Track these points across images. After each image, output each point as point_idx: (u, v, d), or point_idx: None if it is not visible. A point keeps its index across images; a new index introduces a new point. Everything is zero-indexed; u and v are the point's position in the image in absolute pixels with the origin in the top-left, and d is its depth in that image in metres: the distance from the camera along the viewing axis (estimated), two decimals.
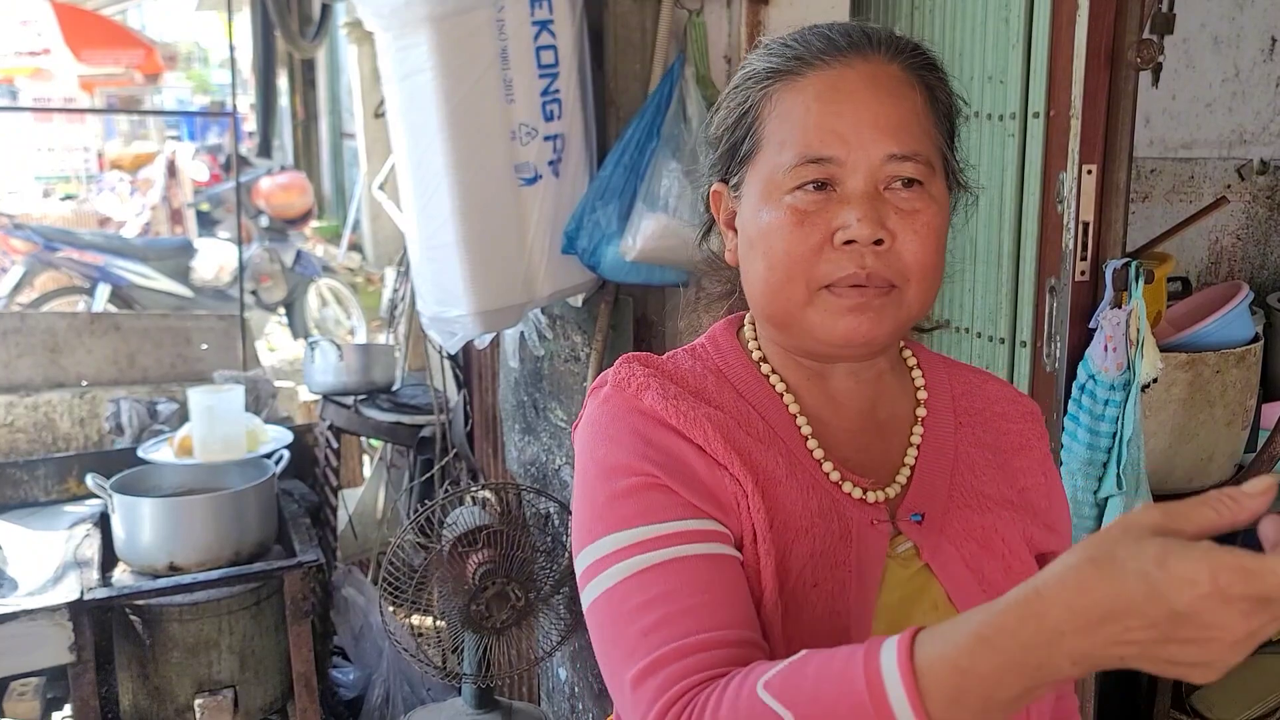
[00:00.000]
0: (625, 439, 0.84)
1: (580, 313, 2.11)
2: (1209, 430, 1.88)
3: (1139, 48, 1.53)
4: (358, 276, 7.61)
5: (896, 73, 0.86)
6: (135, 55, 11.22)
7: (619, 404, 0.87)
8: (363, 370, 2.92)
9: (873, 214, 0.82)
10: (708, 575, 0.78)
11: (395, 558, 2.10)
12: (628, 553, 0.79)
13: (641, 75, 1.89)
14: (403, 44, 1.74)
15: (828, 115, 0.84)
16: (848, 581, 0.83)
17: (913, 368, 0.99)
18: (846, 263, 0.83)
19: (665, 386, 0.87)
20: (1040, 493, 0.97)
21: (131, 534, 2.33)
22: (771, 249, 0.85)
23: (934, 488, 0.91)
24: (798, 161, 0.83)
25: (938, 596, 0.86)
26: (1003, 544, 0.90)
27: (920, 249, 0.84)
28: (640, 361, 0.91)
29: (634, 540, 0.80)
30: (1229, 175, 2.63)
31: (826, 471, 0.88)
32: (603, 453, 0.85)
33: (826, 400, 0.92)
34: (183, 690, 2.34)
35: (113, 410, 2.98)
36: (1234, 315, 1.90)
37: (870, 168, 0.83)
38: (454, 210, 1.79)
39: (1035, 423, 1.01)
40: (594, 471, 0.85)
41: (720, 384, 0.91)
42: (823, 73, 0.85)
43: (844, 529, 0.85)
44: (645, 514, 0.80)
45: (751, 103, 0.88)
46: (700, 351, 0.95)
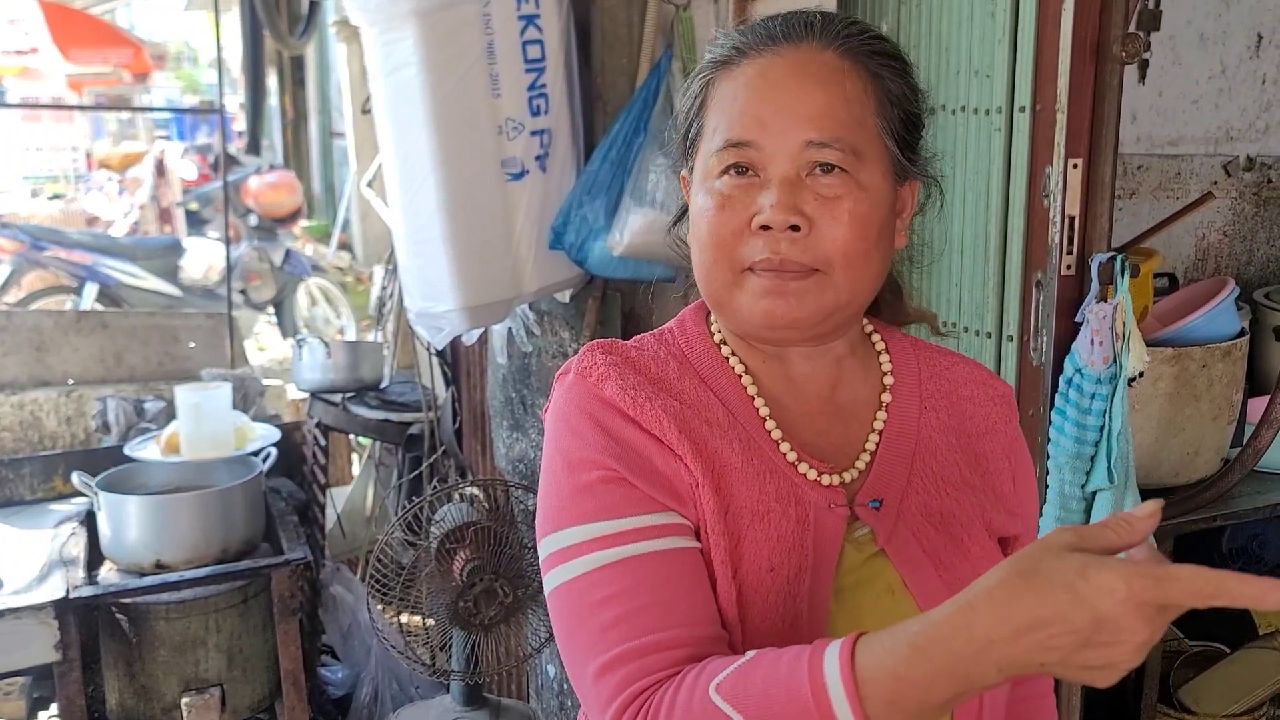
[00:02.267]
0: (587, 431, 0.86)
1: (568, 308, 2.11)
2: (1195, 424, 1.88)
3: (1124, 42, 1.54)
4: (347, 275, 7.58)
5: (830, 59, 0.86)
6: (123, 54, 11.17)
7: (581, 392, 0.89)
8: (351, 368, 2.91)
9: (787, 200, 0.84)
10: (665, 571, 0.81)
11: (382, 555, 2.10)
12: (589, 547, 0.82)
13: (629, 70, 1.89)
14: (388, 38, 1.74)
15: (753, 102, 0.86)
16: (804, 565, 0.84)
17: (880, 351, 0.99)
18: (762, 247, 0.85)
19: (624, 376, 0.88)
20: (1005, 477, 0.98)
21: (117, 532, 2.32)
22: (700, 232, 0.88)
23: (893, 472, 0.91)
24: (721, 146, 0.86)
25: (893, 582, 0.87)
26: (961, 529, 0.91)
27: (842, 235, 0.85)
28: (603, 349, 0.92)
29: (595, 535, 0.82)
30: (1215, 172, 2.64)
31: (784, 453, 0.89)
32: (567, 443, 0.87)
33: (786, 383, 0.93)
34: (169, 689, 2.33)
35: (99, 408, 2.96)
36: (1220, 310, 1.91)
37: (789, 153, 0.84)
38: (440, 205, 1.79)
39: (1004, 405, 1.01)
40: (559, 462, 0.87)
41: (683, 369, 0.92)
42: (756, 61, 0.87)
43: (801, 513, 0.86)
44: (606, 509, 0.83)
45: (699, 91, 0.91)
46: (667, 336, 0.97)
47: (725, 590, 0.82)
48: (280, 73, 9.96)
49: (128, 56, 11.25)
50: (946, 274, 1.84)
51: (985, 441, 0.97)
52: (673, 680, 0.74)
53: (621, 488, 0.83)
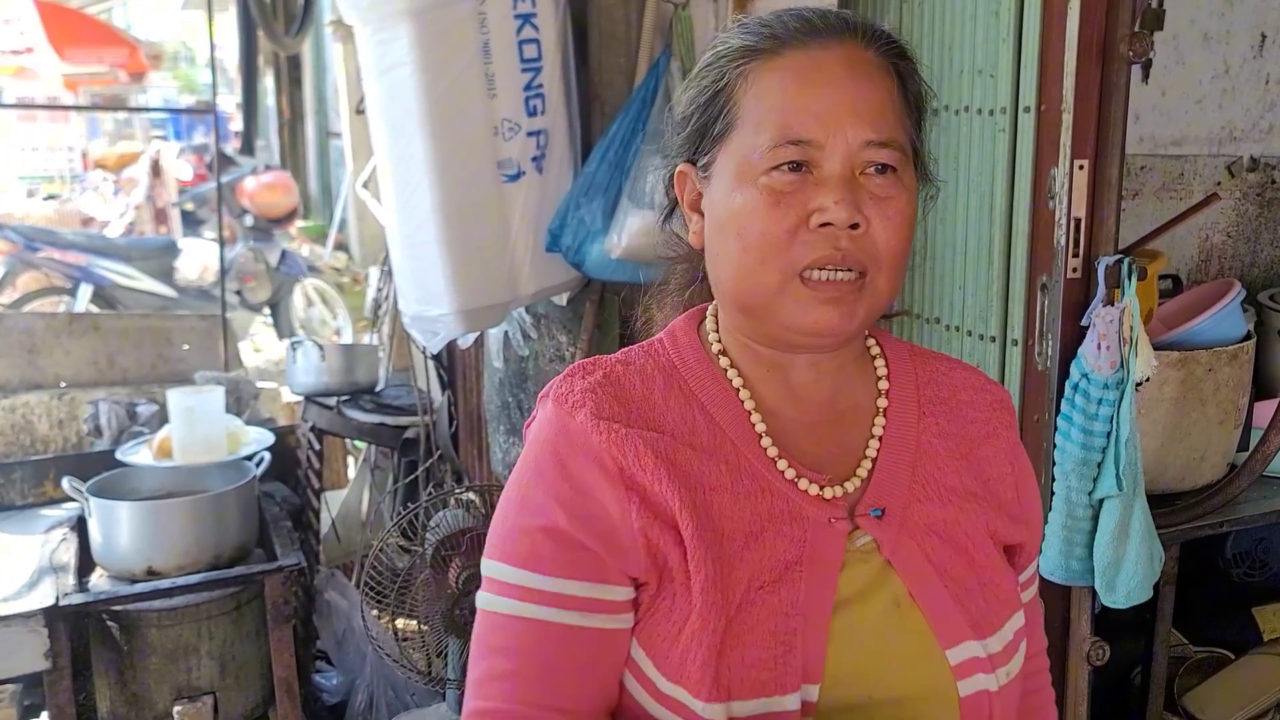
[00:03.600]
0: (548, 472, 0.85)
1: (565, 312, 2.08)
2: (1201, 429, 1.86)
3: (1131, 41, 1.51)
4: (344, 276, 7.55)
5: (872, 58, 0.85)
6: (119, 54, 11.12)
7: (554, 423, 0.86)
8: (345, 371, 2.88)
9: (850, 198, 0.82)
10: (571, 648, 0.82)
11: (378, 561, 2.07)
12: (514, 591, 0.83)
13: (626, 69, 1.86)
14: (382, 38, 1.71)
15: (806, 96, 0.82)
16: (799, 582, 0.82)
17: (876, 356, 0.97)
18: (822, 245, 0.82)
19: (600, 404, 0.85)
20: (1006, 483, 0.95)
21: (108, 538, 2.29)
22: (746, 230, 0.83)
23: (895, 480, 0.90)
24: (776, 143, 0.82)
25: (899, 592, 0.85)
26: (965, 537, 0.89)
27: (892, 236, 0.84)
28: (584, 371, 0.89)
29: (522, 583, 0.83)
30: (1219, 172, 2.61)
31: (781, 470, 0.86)
32: (527, 478, 0.86)
33: (786, 393, 0.90)
34: (161, 697, 2.30)
35: (91, 412, 2.93)
36: (1226, 313, 1.88)
37: (848, 152, 0.82)
38: (435, 207, 1.76)
39: (1003, 411, 0.99)
40: (515, 494, 0.87)
41: (669, 385, 0.89)
42: (801, 53, 0.84)
43: (798, 530, 0.84)
44: (540, 561, 0.82)
45: (726, 81, 0.86)
46: (656, 348, 0.93)
47: (704, 619, 0.80)
48: (277, 73, 9.94)
49: (123, 56, 11.20)
50: (950, 277, 1.81)
51: (985, 447, 0.95)
52: None
53: (561, 545, 0.82)
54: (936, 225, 1.81)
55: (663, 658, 0.81)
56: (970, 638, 0.85)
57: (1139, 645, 1.92)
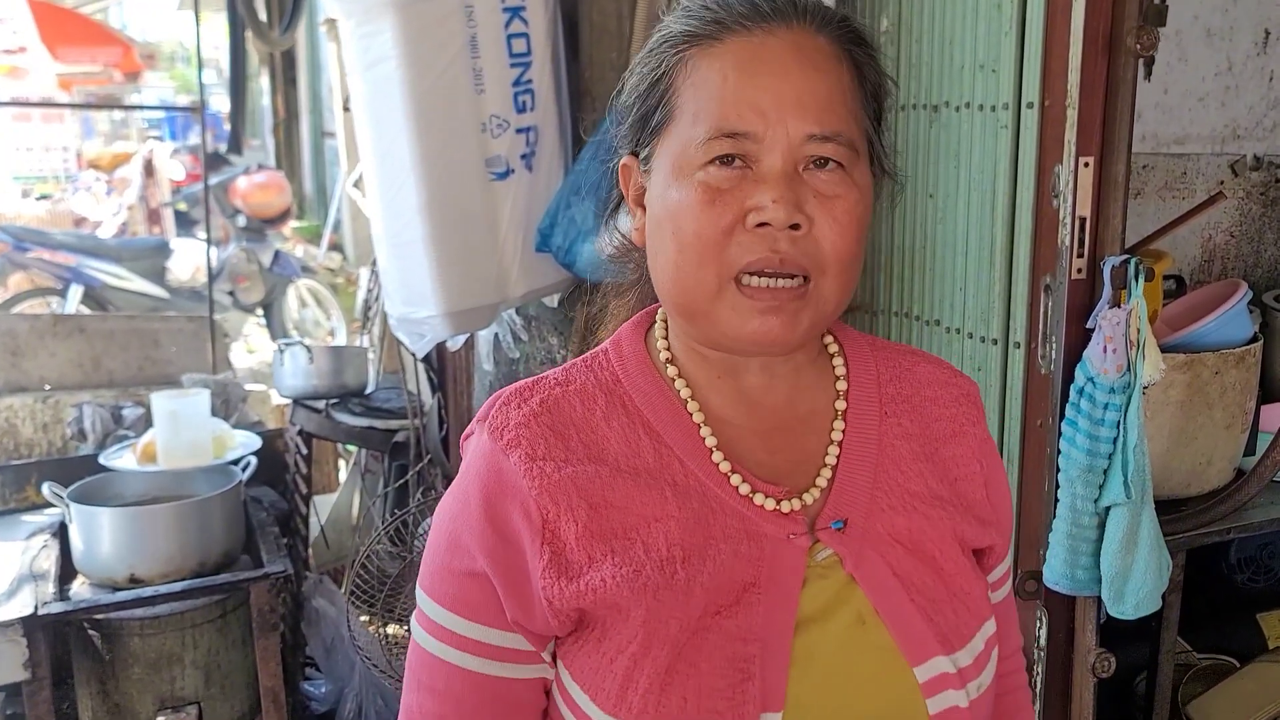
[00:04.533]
0: (474, 514, 0.82)
1: (556, 314, 2.03)
2: (1208, 433, 1.81)
3: (1138, 34, 1.47)
4: (338, 277, 7.49)
5: (823, 45, 0.79)
6: (112, 53, 11.08)
7: (486, 459, 0.83)
8: (334, 373, 2.83)
9: (789, 196, 0.76)
10: (493, 696, 0.82)
11: (365, 567, 2.02)
12: (439, 632, 0.83)
13: (618, 65, 1.82)
14: (366, 31, 1.66)
15: (746, 87, 0.77)
16: (756, 604, 0.78)
17: (834, 355, 0.91)
18: (759, 246, 0.76)
19: (535, 443, 0.81)
20: (975, 483, 0.90)
21: (90, 545, 2.24)
22: (681, 229, 0.78)
23: (856, 489, 0.85)
24: (711, 135, 0.77)
25: (863, 609, 0.81)
26: (932, 546, 0.85)
27: (839, 237, 0.78)
28: (521, 398, 0.85)
29: (447, 625, 0.82)
30: (1222, 171, 2.57)
31: (735, 485, 0.81)
32: (454, 512, 0.84)
33: (738, 400, 0.85)
34: (144, 707, 2.26)
35: (75, 415, 2.88)
36: (1233, 314, 1.84)
37: (789, 146, 0.77)
38: (421, 206, 1.71)
39: (969, 405, 0.93)
40: (446, 530, 0.84)
41: (611, 403, 0.84)
42: (743, 39, 0.78)
43: (754, 549, 0.80)
44: (463, 605, 0.82)
45: (665, 68, 0.81)
46: (600, 360, 0.88)
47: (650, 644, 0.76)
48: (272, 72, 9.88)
49: (117, 56, 11.16)
50: (950, 278, 1.77)
51: (952, 446, 0.90)
52: None
53: (483, 591, 0.81)
54: (936, 225, 1.76)
55: (597, 689, 0.77)
56: (939, 653, 0.81)
57: (1143, 653, 1.88)
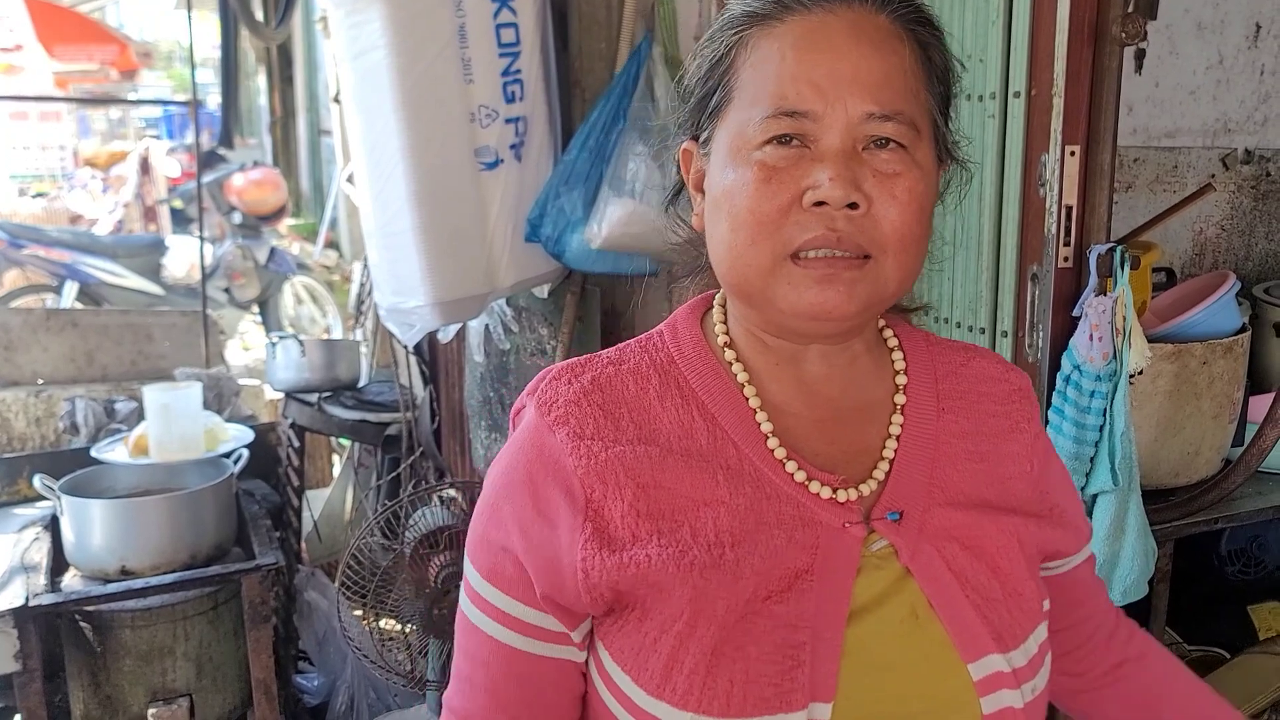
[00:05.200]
0: (517, 490, 0.82)
1: (546, 304, 2.04)
2: (1196, 423, 1.82)
3: (1124, 22, 1.47)
4: (334, 274, 7.49)
5: (884, 24, 0.78)
6: (108, 51, 11.06)
7: (534, 436, 0.83)
8: (326, 367, 2.83)
9: (847, 174, 0.75)
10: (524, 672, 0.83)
11: (355, 560, 2.02)
12: (480, 602, 0.84)
13: (607, 55, 1.82)
14: (355, 20, 1.66)
15: (805, 65, 0.76)
16: (808, 592, 0.77)
17: (894, 348, 0.90)
18: (815, 224, 0.75)
19: (584, 419, 0.81)
20: (1028, 480, 0.89)
21: (81, 537, 2.24)
22: (736, 209, 0.77)
23: (913, 482, 0.83)
24: (769, 114, 0.76)
25: (917, 602, 0.79)
26: (988, 543, 0.83)
27: (899, 216, 0.76)
28: (572, 374, 0.84)
29: (486, 596, 0.83)
30: (1213, 165, 2.58)
31: (791, 472, 0.80)
32: (499, 486, 0.84)
33: (796, 388, 0.84)
34: (136, 699, 2.25)
35: (68, 409, 2.88)
36: (1221, 305, 1.84)
37: (848, 124, 0.75)
38: (410, 196, 1.71)
39: (1022, 401, 0.92)
40: (490, 502, 0.85)
41: (665, 384, 0.83)
42: (803, 18, 0.77)
43: (809, 536, 0.78)
44: (497, 576, 0.83)
45: (726, 50, 0.80)
46: (655, 342, 0.87)
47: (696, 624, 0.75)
48: (269, 70, 9.88)
49: (113, 54, 11.14)
50: (937, 267, 1.77)
51: (1007, 443, 0.89)
52: None
53: (515, 567, 0.82)
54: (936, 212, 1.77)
55: (640, 669, 0.76)
56: (994, 650, 0.80)
57: None
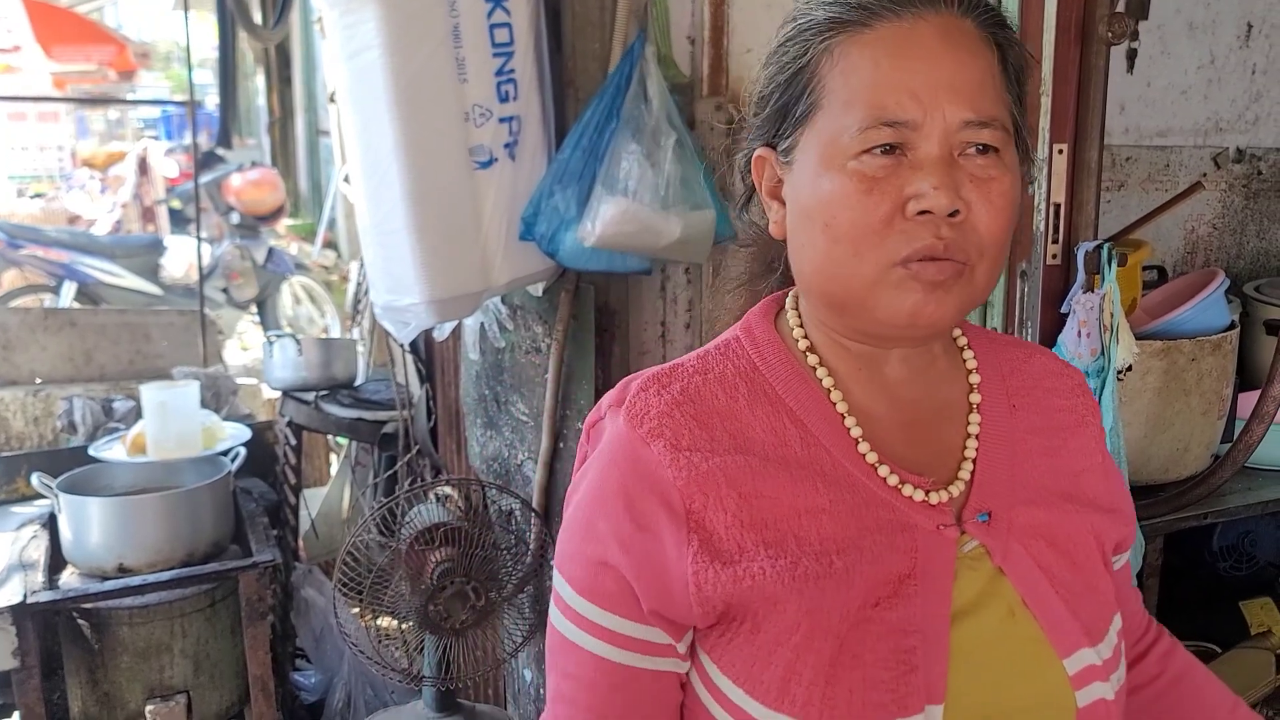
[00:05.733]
0: (612, 505, 0.80)
1: (541, 302, 2.05)
2: (1185, 419, 1.83)
3: (1110, 22, 1.48)
4: (333, 274, 7.49)
5: (971, 28, 0.77)
6: (106, 52, 11.06)
7: (626, 449, 0.81)
8: (323, 365, 2.84)
9: (950, 182, 0.74)
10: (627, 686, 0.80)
11: (352, 556, 2.03)
12: (575, 616, 0.82)
13: (601, 55, 1.83)
14: (349, 20, 1.67)
15: (901, 73, 0.75)
16: (914, 596, 0.78)
17: (963, 347, 0.91)
18: (922, 233, 0.75)
19: (679, 433, 0.79)
20: (1097, 474, 0.91)
21: (79, 535, 2.25)
22: (835, 220, 0.76)
23: (997, 482, 0.84)
24: (867, 124, 0.75)
25: (1012, 601, 0.80)
26: (1068, 540, 0.85)
27: (994, 221, 0.77)
28: (660, 384, 0.82)
29: (582, 611, 0.81)
30: (1205, 164, 2.59)
31: (884, 477, 0.81)
32: (592, 499, 0.82)
33: (879, 391, 0.84)
34: (133, 696, 2.26)
35: (65, 408, 2.89)
36: (1209, 302, 1.86)
37: (946, 132, 0.75)
38: (405, 194, 1.72)
39: (1085, 395, 0.94)
40: (582, 516, 0.83)
41: (754, 392, 0.83)
42: (893, 25, 0.76)
43: (907, 540, 0.79)
44: (597, 593, 0.81)
45: (809, 56, 0.79)
46: (735, 348, 0.86)
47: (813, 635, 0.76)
48: (267, 71, 9.88)
49: (111, 54, 11.14)
50: None
51: (1075, 438, 0.90)
52: None
53: (617, 583, 0.79)
54: None
55: (755, 682, 0.76)
56: (1085, 645, 0.81)
57: None
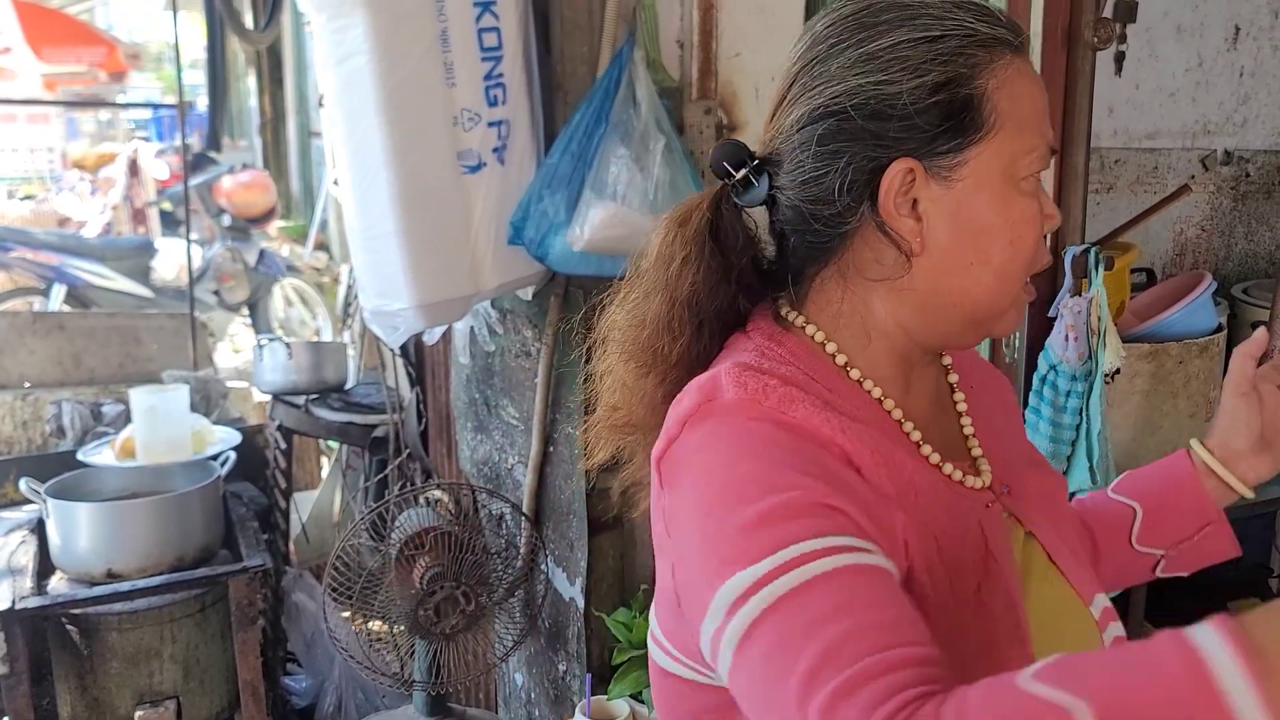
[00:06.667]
0: (780, 454, 0.72)
1: (530, 306, 2.05)
2: (1173, 421, 1.84)
3: (1096, 27, 1.49)
4: (324, 276, 7.47)
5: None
6: (97, 53, 11.01)
7: (760, 423, 0.75)
8: (313, 369, 2.83)
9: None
10: (889, 587, 0.67)
11: (342, 561, 2.03)
12: (791, 566, 0.66)
13: (589, 59, 1.83)
14: (338, 25, 1.67)
15: (1040, 100, 0.83)
16: (999, 572, 0.81)
17: None
18: (1046, 252, 0.86)
19: (809, 401, 0.77)
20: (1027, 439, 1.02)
21: (67, 540, 2.24)
22: (1021, 239, 0.81)
23: (998, 455, 0.91)
24: (1041, 149, 0.82)
25: (1043, 561, 0.87)
26: (1054, 498, 0.94)
27: None
28: (756, 369, 0.79)
29: (798, 554, 0.66)
30: (1193, 166, 2.60)
31: (948, 474, 0.85)
32: (747, 467, 0.72)
33: (912, 394, 0.89)
34: (123, 702, 2.26)
35: (54, 412, 2.88)
36: (1197, 305, 1.86)
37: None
38: (393, 199, 1.72)
39: (994, 371, 1.04)
40: (733, 492, 0.71)
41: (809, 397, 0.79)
42: (1018, 57, 0.83)
43: (976, 523, 0.83)
44: (814, 528, 0.67)
45: (974, 74, 0.79)
46: (774, 355, 0.83)
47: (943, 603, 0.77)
48: (258, 72, 9.85)
49: (101, 55, 11.09)
50: None
51: (1014, 410, 1.01)
52: (936, 696, 0.58)
53: (829, 513, 0.69)
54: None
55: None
56: (1099, 589, 0.90)
57: None
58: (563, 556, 2.08)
